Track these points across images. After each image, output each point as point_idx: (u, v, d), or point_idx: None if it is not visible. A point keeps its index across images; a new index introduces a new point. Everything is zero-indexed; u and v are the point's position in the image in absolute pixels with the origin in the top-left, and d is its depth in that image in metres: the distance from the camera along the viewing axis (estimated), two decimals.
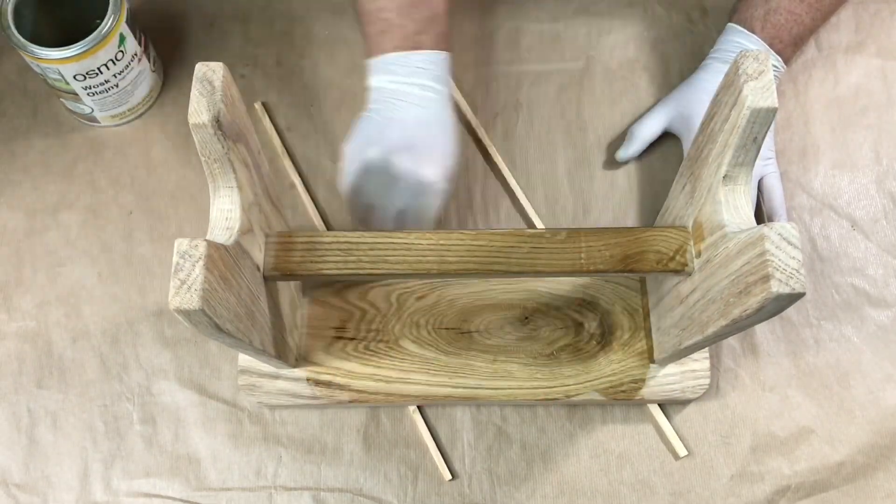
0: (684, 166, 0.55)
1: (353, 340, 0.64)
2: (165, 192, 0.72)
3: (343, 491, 0.63)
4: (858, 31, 0.77)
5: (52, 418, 0.65)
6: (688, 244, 0.52)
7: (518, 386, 0.63)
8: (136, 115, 0.74)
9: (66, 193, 0.72)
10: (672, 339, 0.57)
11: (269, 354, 0.53)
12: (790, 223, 0.41)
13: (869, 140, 0.73)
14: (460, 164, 0.62)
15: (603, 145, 0.74)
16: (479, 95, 0.75)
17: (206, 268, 0.41)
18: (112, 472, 0.63)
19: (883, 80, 0.75)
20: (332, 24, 0.78)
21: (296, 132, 0.74)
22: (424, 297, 0.65)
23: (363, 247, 0.51)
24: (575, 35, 0.78)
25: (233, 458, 0.64)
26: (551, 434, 0.64)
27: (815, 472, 0.63)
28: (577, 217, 0.71)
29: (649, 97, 0.75)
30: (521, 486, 0.63)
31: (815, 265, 0.69)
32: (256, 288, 0.50)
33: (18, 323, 0.67)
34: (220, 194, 0.47)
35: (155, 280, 0.69)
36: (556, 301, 0.65)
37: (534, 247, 0.52)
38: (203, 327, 0.42)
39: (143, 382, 0.66)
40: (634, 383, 0.62)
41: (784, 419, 0.65)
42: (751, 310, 0.43)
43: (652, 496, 0.63)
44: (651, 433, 0.64)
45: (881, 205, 0.71)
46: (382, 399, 0.63)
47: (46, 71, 0.66)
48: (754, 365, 0.66)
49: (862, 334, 0.67)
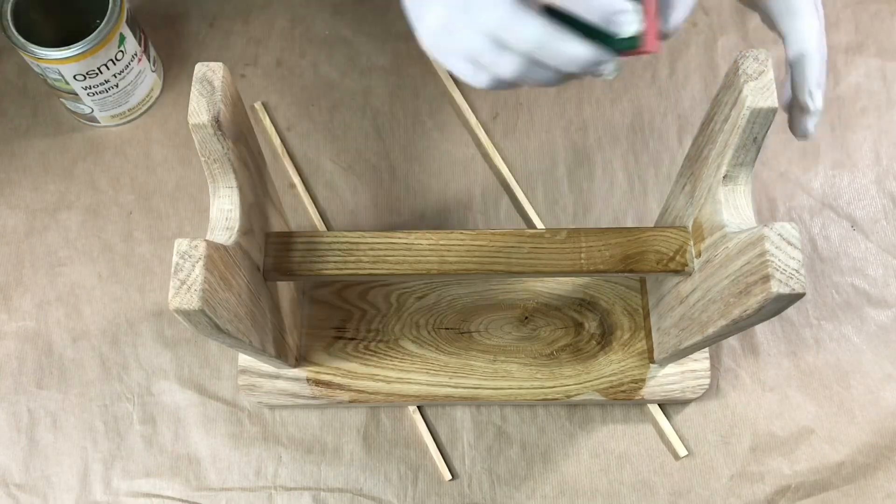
0: (684, 166, 0.55)
1: (353, 340, 0.64)
2: (165, 191, 0.72)
3: (343, 491, 0.63)
4: (858, 31, 0.77)
5: (52, 418, 0.65)
6: (688, 244, 0.52)
7: (518, 386, 0.63)
8: (136, 115, 0.74)
9: (66, 193, 0.72)
10: (672, 339, 0.57)
11: (269, 354, 0.53)
12: (790, 223, 0.41)
13: (869, 140, 0.73)
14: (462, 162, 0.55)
15: (603, 145, 0.74)
16: (479, 95, 0.75)
17: (205, 268, 0.41)
18: (112, 472, 0.63)
19: (883, 80, 0.75)
20: (332, 24, 0.78)
21: (296, 132, 0.74)
22: (424, 297, 0.65)
23: (363, 247, 0.52)
24: None
25: (233, 458, 0.64)
26: (551, 434, 0.64)
27: (815, 472, 0.63)
28: (577, 217, 0.71)
29: (650, 97, 0.75)
30: (521, 486, 0.63)
31: (815, 265, 0.69)
32: (256, 288, 0.50)
33: (18, 323, 0.68)
34: (220, 194, 0.47)
35: (155, 280, 0.69)
36: (556, 301, 0.65)
37: (534, 247, 0.52)
38: (203, 327, 0.42)
39: (143, 382, 0.66)
40: (634, 383, 0.63)
41: (784, 419, 0.65)
42: (751, 310, 0.43)
43: (652, 496, 0.63)
44: (651, 433, 0.64)
45: (881, 205, 0.71)
46: (382, 399, 0.63)
47: (46, 71, 0.66)
48: (754, 365, 0.66)
49: (862, 334, 0.67)
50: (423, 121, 0.75)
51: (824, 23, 0.47)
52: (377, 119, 0.75)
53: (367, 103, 0.75)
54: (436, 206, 0.72)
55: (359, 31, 0.78)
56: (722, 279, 0.46)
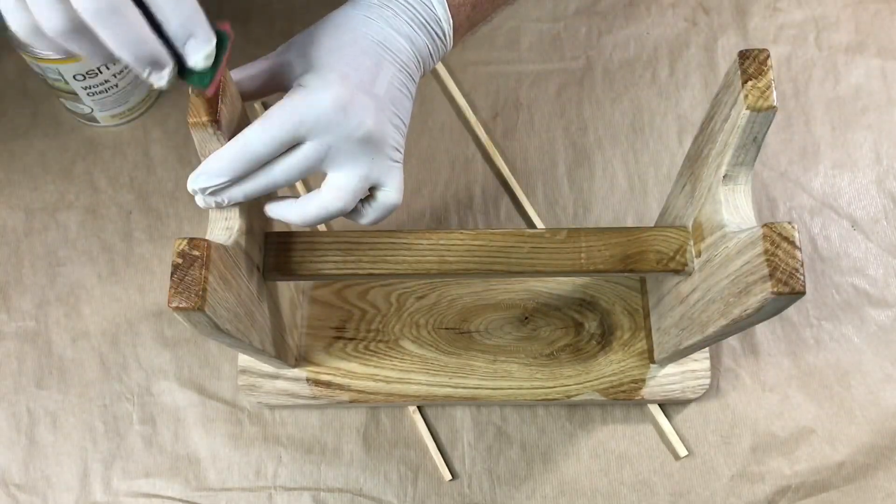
0: (684, 166, 0.55)
1: (352, 340, 0.64)
2: (165, 191, 0.72)
3: (343, 491, 0.63)
4: (858, 31, 0.77)
5: (52, 418, 0.65)
6: (688, 244, 0.52)
7: (518, 386, 0.63)
8: (136, 114, 0.74)
9: (66, 193, 0.72)
10: (672, 339, 0.57)
11: (269, 354, 0.53)
12: (790, 223, 0.41)
13: (869, 140, 0.73)
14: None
15: (603, 145, 0.74)
16: (479, 95, 0.75)
17: (205, 268, 0.41)
18: (112, 473, 0.63)
19: (883, 80, 0.75)
20: None
21: None
22: (424, 296, 0.65)
23: (363, 247, 0.51)
24: (575, 35, 0.78)
25: (233, 458, 0.64)
26: (551, 434, 0.64)
27: (815, 472, 0.63)
28: (577, 217, 0.71)
29: (650, 97, 0.75)
30: (521, 486, 0.63)
31: (815, 265, 0.69)
32: (256, 288, 0.50)
33: (18, 323, 0.67)
34: None
35: (155, 280, 0.69)
36: (556, 301, 0.65)
37: (534, 247, 0.52)
38: (202, 327, 0.42)
39: (143, 382, 0.66)
40: (634, 383, 0.62)
41: (784, 419, 0.65)
42: (751, 310, 0.43)
43: (652, 496, 0.63)
44: (651, 433, 0.64)
45: (881, 205, 0.71)
46: (382, 399, 0.63)
47: (46, 71, 0.66)
48: (754, 365, 0.66)
49: (862, 334, 0.67)
50: (423, 121, 0.75)
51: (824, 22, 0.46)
52: None
53: None
54: (436, 206, 0.72)
55: None
56: (722, 279, 0.46)
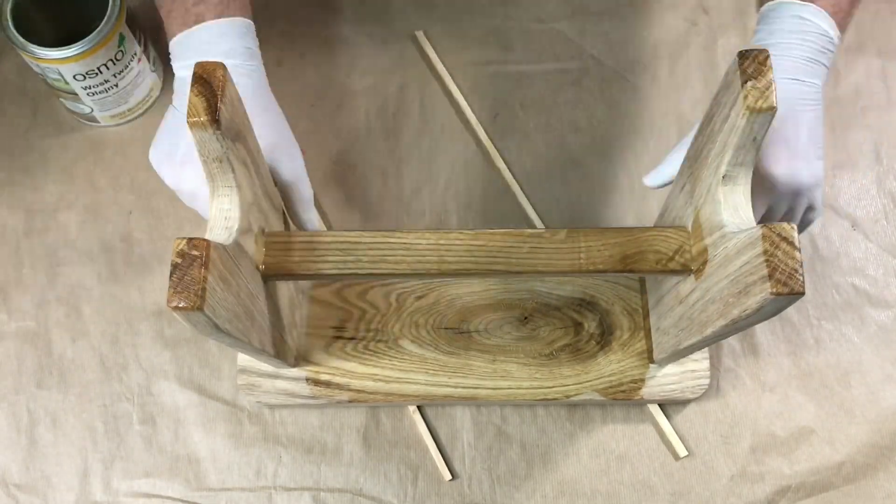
0: (684, 166, 0.55)
1: (352, 340, 0.64)
2: (165, 191, 0.71)
3: (343, 491, 0.63)
4: (858, 31, 0.77)
5: (52, 418, 0.65)
6: (687, 244, 0.52)
7: (517, 386, 0.63)
8: (136, 114, 0.74)
9: (66, 193, 0.72)
10: (671, 339, 0.57)
11: (269, 354, 0.53)
12: (789, 223, 0.41)
13: (869, 140, 0.73)
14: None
15: (603, 145, 0.74)
16: (478, 95, 0.75)
17: (204, 268, 0.41)
18: (112, 472, 0.63)
19: (883, 80, 0.75)
20: (332, 24, 0.78)
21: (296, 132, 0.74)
22: (424, 296, 0.65)
23: (362, 247, 0.51)
24: (575, 35, 0.78)
25: (233, 458, 0.64)
26: (551, 434, 0.64)
27: (815, 472, 0.63)
28: (576, 217, 0.71)
29: (649, 97, 0.75)
30: (521, 486, 0.63)
31: (815, 265, 0.69)
32: (256, 288, 0.50)
33: (18, 323, 0.68)
34: (220, 194, 0.47)
35: (155, 280, 0.69)
36: (556, 301, 0.65)
37: (533, 247, 0.52)
38: (202, 327, 0.42)
39: (143, 382, 0.66)
40: (634, 383, 0.62)
41: (784, 419, 0.65)
42: (750, 310, 0.43)
43: (652, 496, 0.63)
44: (651, 433, 0.64)
45: (881, 205, 0.71)
46: (382, 399, 0.63)
47: (46, 71, 0.66)
48: (754, 365, 0.66)
49: (862, 334, 0.67)
50: (424, 121, 0.75)
51: None
52: (377, 119, 0.75)
53: (368, 103, 0.75)
54: (436, 206, 0.72)
55: (359, 31, 0.78)
56: (721, 279, 0.46)
